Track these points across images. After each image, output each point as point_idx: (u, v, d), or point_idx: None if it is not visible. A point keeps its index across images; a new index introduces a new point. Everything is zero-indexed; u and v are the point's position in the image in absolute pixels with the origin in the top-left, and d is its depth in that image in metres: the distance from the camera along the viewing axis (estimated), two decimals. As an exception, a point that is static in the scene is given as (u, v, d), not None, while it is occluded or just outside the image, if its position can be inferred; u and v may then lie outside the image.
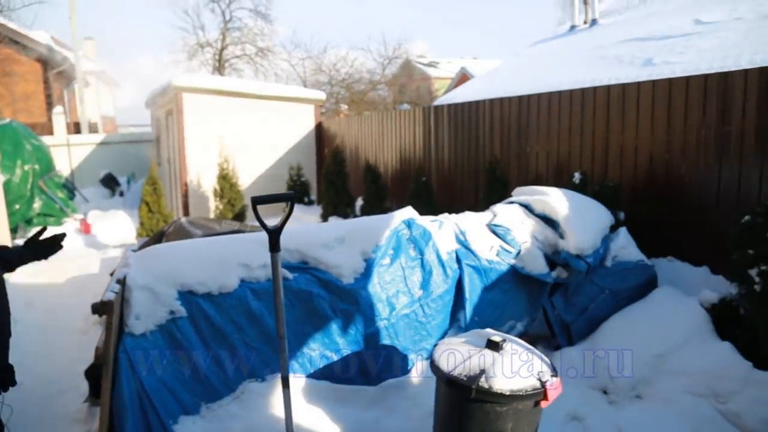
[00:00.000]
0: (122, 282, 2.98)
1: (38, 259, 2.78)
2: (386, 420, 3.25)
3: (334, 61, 24.62)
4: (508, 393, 2.48)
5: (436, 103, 13.12)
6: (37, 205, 11.20)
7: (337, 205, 7.98)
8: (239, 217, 8.80)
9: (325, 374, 3.37)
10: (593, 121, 5.38)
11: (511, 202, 4.47)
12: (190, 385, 3.09)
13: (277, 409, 3.15)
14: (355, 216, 7.94)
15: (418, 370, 3.63)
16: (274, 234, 2.39)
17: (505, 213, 4.21)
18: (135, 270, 3.04)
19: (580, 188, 4.83)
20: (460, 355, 2.70)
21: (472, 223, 4.06)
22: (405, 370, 3.59)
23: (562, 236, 4.11)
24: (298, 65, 24.92)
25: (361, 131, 9.77)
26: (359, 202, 7.96)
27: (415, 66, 29.99)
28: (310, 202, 9.92)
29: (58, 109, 16.34)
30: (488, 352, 2.67)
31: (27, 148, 11.39)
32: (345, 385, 3.40)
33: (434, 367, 2.72)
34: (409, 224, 3.78)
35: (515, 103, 6.34)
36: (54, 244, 2.78)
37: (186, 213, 10.04)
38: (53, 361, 4.95)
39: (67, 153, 14.98)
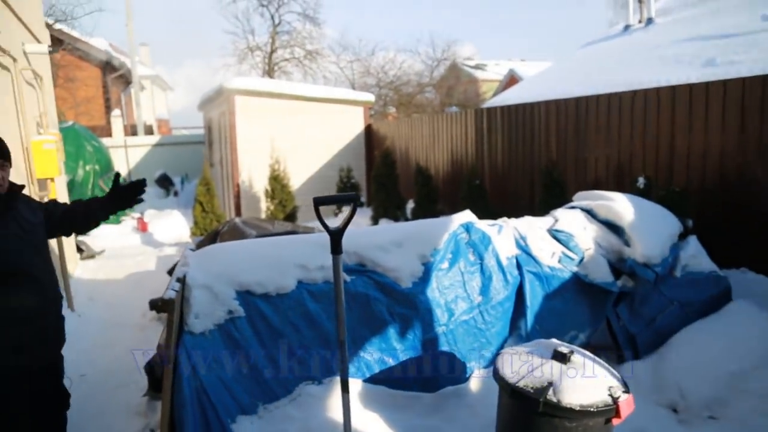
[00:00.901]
0: (182, 281, 2.99)
1: (123, 208, 2.95)
2: (445, 429, 3.16)
3: (382, 63, 24.68)
4: (578, 408, 2.35)
5: (486, 105, 12.94)
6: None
7: (387, 207, 7.93)
8: (290, 218, 8.87)
9: (382, 379, 3.31)
10: (657, 124, 5.15)
11: (573, 207, 4.31)
12: (247, 385, 3.08)
13: (334, 412, 3.10)
14: (406, 218, 7.88)
15: (476, 378, 3.52)
16: (336, 235, 2.34)
17: (567, 218, 4.05)
18: (194, 269, 3.05)
19: (644, 193, 4.63)
20: (525, 366, 2.59)
21: (532, 228, 3.93)
22: (463, 378, 3.49)
23: (627, 243, 3.93)
24: (347, 68, 25.10)
25: (411, 133, 9.70)
26: (410, 204, 7.89)
27: (462, 68, 29.75)
28: (360, 205, 9.93)
29: (116, 113, 16.94)
30: (555, 364, 2.55)
31: (88, 150, 11.82)
32: (402, 391, 3.33)
33: (498, 376, 2.62)
34: (467, 228, 3.68)
35: (572, 105, 6.16)
36: (137, 191, 2.92)
37: (238, 213, 10.19)
38: (114, 355, 5.06)
39: (125, 154, 15.51)
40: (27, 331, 2.53)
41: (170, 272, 6.28)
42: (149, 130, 18.81)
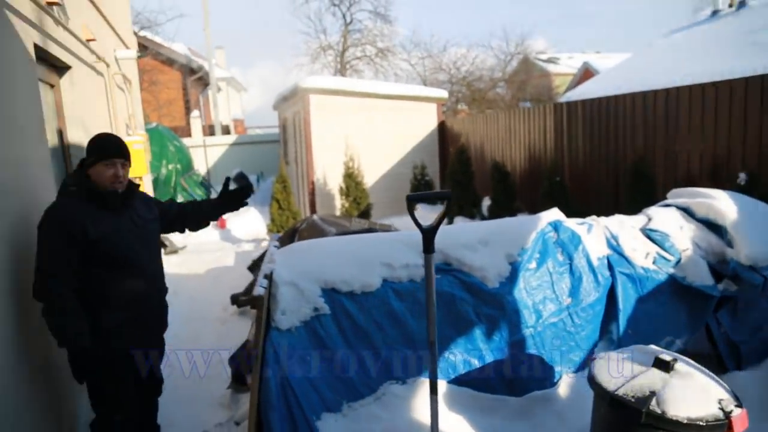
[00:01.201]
0: (269, 277, 3.02)
1: (232, 209, 3.22)
2: (533, 435, 3.05)
3: (454, 59, 24.43)
4: (685, 421, 2.19)
5: (562, 99, 12.52)
6: (179, 201, 12.08)
7: (462, 205, 7.81)
8: (364, 215, 8.90)
9: (466, 381, 3.23)
10: (760, 116, 4.78)
11: (667, 205, 4.06)
12: (332, 382, 3.08)
13: (419, 413, 3.05)
14: (482, 216, 7.73)
15: (565, 383, 3.38)
16: (429, 234, 2.28)
17: (662, 217, 3.82)
18: (281, 266, 3.07)
19: (746, 191, 4.31)
20: (623, 373, 2.45)
21: (624, 227, 3.73)
22: (551, 383, 3.35)
23: (730, 244, 3.66)
24: (418, 64, 25.02)
25: (486, 130, 9.52)
26: (486, 201, 7.74)
27: (533, 63, 28.99)
28: (434, 202, 9.86)
29: (195, 114, 17.62)
30: (657, 372, 2.40)
31: (170, 149, 12.35)
32: (488, 394, 3.23)
33: (594, 383, 2.49)
34: (555, 227, 3.54)
35: (661, 97, 5.83)
36: (245, 195, 3.22)
37: (313, 210, 10.34)
38: (198, 348, 5.21)
39: (204, 153, 16.08)
40: (130, 315, 2.73)
41: (250, 268, 6.43)
42: (226, 130, 19.47)
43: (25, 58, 3.25)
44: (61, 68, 4.44)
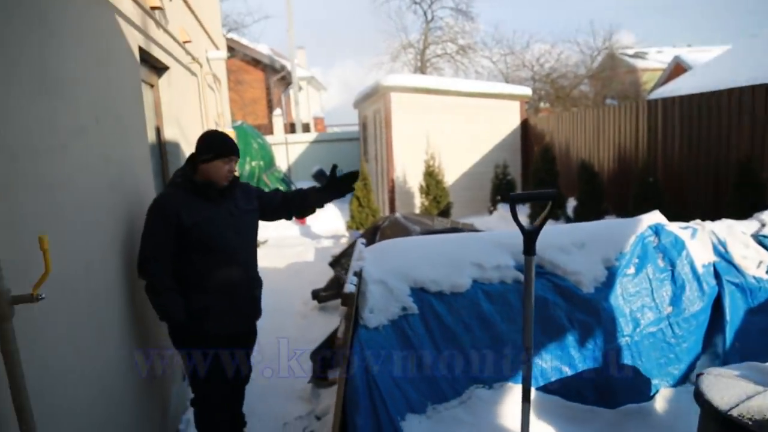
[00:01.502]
0: (359, 275, 3.02)
1: (338, 197, 3.36)
2: (628, 451, 2.89)
3: (538, 55, 23.80)
4: (813, 449, 1.99)
5: (653, 96, 11.90)
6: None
7: (545, 205, 7.56)
8: (444, 213, 8.82)
9: (556, 389, 3.10)
10: None
11: (784, 210, 3.74)
12: (417, 383, 3.04)
13: (506, 419, 2.96)
14: (567, 217, 7.46)
15: (662, 397, 3.18)
16: (531, 235, 2.20)
17: (778, 222, 3.52)
18: (370, 264, 3.07)
19: None
20: (736, 392, 2.25)
21: (733, 232, 3.46)
22: (647, 396, 3.17)
23: None
24: (500, 61, 24.57)
25: (572, 128, 9.18)
26: (571, 202, 7.46)
27: (620, 58, 27.74)
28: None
29: (277, 112, 18.08)
30: (776, 393, 2.19)
31: (254, 147, 12.73)
32: (578, 404, 3.09)
33: (702, 400, 2.31)
34: (657, 230, 3.34)
35: (773, 91, 5.37)
36: (352, 181, 3.35)
37: (392, 208, 10.37)
38: (280, 341, 5.33)
39: (285, 150, 16.49)
40: (218, 299, 2.89)
41: (331, 264, 6.51)
42: (306, 128, 19.88)
43: (132, 60, 3.42)
44: (160, 69, 4.65)
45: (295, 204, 3.33)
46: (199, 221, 2.82)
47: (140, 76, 3.73)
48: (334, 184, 3.30)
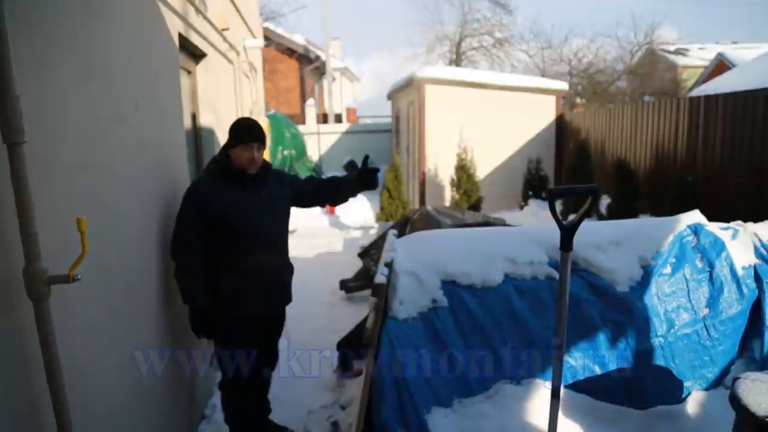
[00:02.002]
0: (389, 266, 3.02)
1: (368, 188, 3.42)
2: (657, 453, 2.83)
3: (575, 49, 23.36)
4: None
5: (693, 94, 11.58)
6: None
7: (578, 202, 7.44)
8: (474, 208, 8.76)
9: (586, 387, 3.06)
10: None
11: (830, 213, 3.60)
12: (444, 377, 3.03)
13: (533, 416, 2.94)
14: (600, 215, 7.33)
15: (694, 400, 3.11)
16: (569, 231, 2.16)
17: (824, 225, 3.40)
18: (402, 255, 3.06)
19: None
20: (775, 397, 2.19)
21: (776, 234, 3.35)
22: (678, 398, 3.10)
23: None
24: (536, 55, 24.23)
25: (609, 124, 8.99)
26: (605, 200, 7.33)
27: (659, 54, 27.02)
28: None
29: (310, 102, 18.18)
30: (816, 400, 2.12)
31: (286, 136, 12.83)
32: (607, 404, 3.04)
33: (739, 405, 2.24)
34: (696, 230, 3.25)
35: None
36: (376, 175, 3.40)
37: (422, 201, 10.34)
38: (306, 329, 5.37)
39: (317, 140, 16.57)
40: (247, 283, 2.96)
41: (360, 255, 6.54)
42: (338, 119, 19.97)
43: (171, 46, 3.47)
44: (198, 56, 4.71)
45: (329, 191, 3.38)
46: (231, 207, 2.88)
47: (179, 63, 3.78)
48: (365, 176, 3.33)
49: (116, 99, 2.39)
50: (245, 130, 2.97)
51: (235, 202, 2.91)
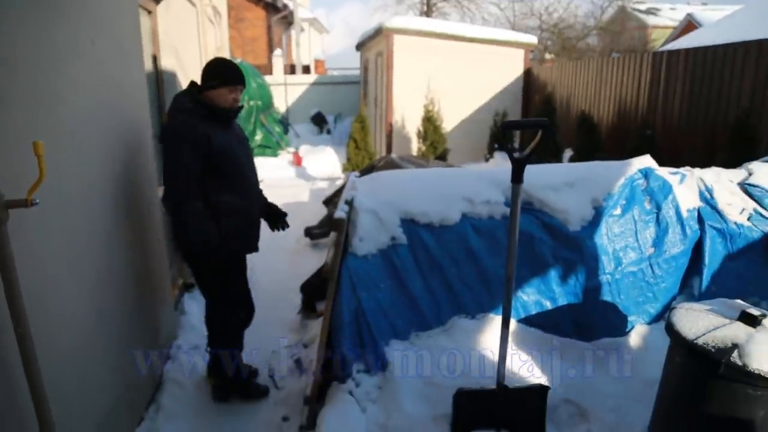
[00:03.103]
0: (350, 203, 3.09)
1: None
2: (600, 381, 3.02)
3: (547, 3, 23.19)
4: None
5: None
6: (258, 137, 12.38)
7: (542, 154, 7.58)
8: (440, 159, 8.83)
9: (537, 322, 3.23)
10: None
11: (772, 160, 3.79)
12: (402, 311, 3.15)
13: (485, 347, 3.10)
14: (562, 168, 7.49)
15: (637, 333, 3.31)
16: (520, 163, 2.24)
17: (765, 172, 3.57)
18: (362, 194, 3.13)
19: None
20: (703, 323, 2.36)
21: (720, 179, 3.52)
22: (622, 332, 3.30)
23: (839, 206, 3.39)
24: (507, 8, 23.99)
25: (574, 79, 9.08)
26: (567, 152, 7.48)
27: (630, 12, 27.05)
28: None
29: (277, 52, 17.75)
30: (741, 326, 2.29)
31: (253, 86, 12.56)
32: (557, 336, 3.22)
33: (672, 331, 2.42)
34: (646, 174, 3.39)
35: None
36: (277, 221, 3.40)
37: (389, 152, 10.33)
38: (271, 276, 5.45)
39: (284, 92, 16.28)
40: (240, 221, 2.99)
41: (325, 203, 6.58)
42: (306, 70, 19.58)
43: (129, -20, 3.37)
44: (158, -6, 4.57)
45: None
46: (225, 146, 2.86)
47: (137, 0, 3.68)
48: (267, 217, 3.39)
49: (73, 31, 2.35)
50: (230, 72, 2.90)
51: (224, 140, 2.87)
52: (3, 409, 1.76)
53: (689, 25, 21.35)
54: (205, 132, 2.78)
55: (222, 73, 2.90)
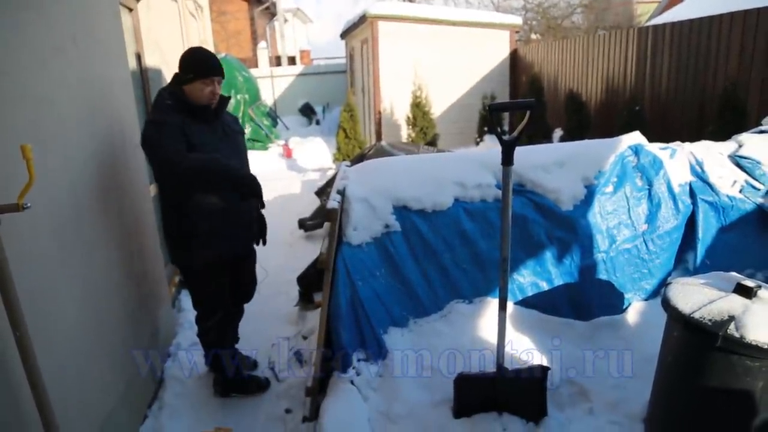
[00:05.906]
0: (342, 193, 3.07)
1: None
2: (598, 360, 3.04)
3: (529, -17, 23.00)
4: (764, 346, 2.11)
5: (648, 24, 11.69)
6: (246, 131, 12.29)
7: (532, 135, 7.57)
8: (431, 144, 8.81)
9: (534, 303, 3.23)
10: None
11: (762, 131, 3.79)
12: (399, 298, 3.15)
13: (484, 331, 3.10)
14: (552, 148, 7.50)
15: (634, 310, 3.33)
16: (510, 145, 2.23)
17: (755, 143, 3.58)
18: (354, 182, 3.11)
19: None
20: (699, 297, 2.37)
21: (711, 152, 3.53)
22: (619, 309, 3.31)
23: (829, 174, 3.40)
24: (491, -10, 23.76)
25: (561, 58, 9.06)
26: (557, 132, 7.48)
27: (615, -12, 26.93)
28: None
29: (262, 44, 17.63)
30: (737, 298, 2.30)
31: (239, 80, 12.48)
32: (554, 317, 3.23)
33: (668, 306, 2.42)
34: (636, 150, 3.39)
35: (766, 16, 5.28)
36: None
37: (379, 140, 10.32)
38: (266, 268, 5.43)
39: (271, 84, 16.17)
40: (228, 220, 2.88)
41: (317, 193, 6.56)
42: (292, 62, 19.45)
43: (108, -22, 3.31)
44: (138, -9, 4.50)
45: None
46: (199, 143, 2.69)
47: (118, -3, 3.63)
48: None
49: (53, 31, 2.31)
50: (204, 64, 2.74)
51: (204, 138, 2.72)
52: (7, 414, 1.75)
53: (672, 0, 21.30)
54: (182, 125, 2.65)
55: (193, 65, 2.73)
